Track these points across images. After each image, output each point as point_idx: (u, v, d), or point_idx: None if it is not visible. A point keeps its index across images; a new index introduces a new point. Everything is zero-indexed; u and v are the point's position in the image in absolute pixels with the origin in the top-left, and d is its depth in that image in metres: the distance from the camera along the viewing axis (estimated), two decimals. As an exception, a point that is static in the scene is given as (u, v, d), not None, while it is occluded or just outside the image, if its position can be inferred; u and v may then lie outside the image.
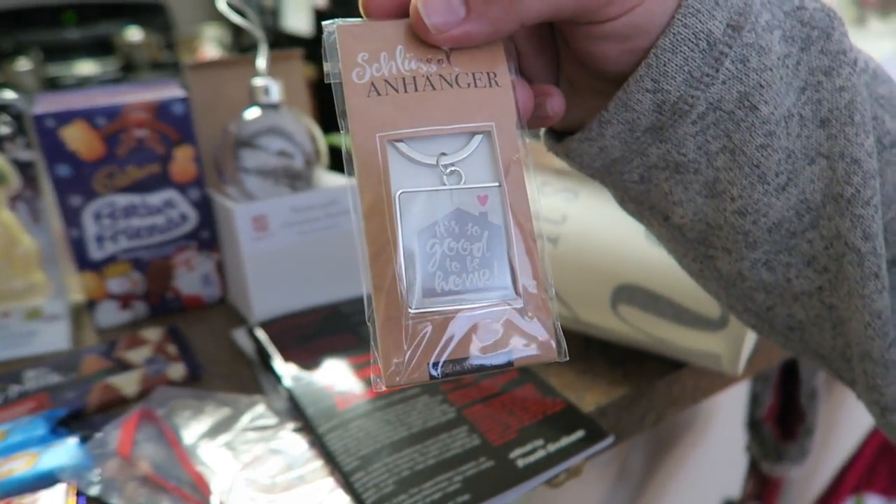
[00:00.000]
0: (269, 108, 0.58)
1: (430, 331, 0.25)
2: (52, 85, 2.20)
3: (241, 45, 2.94)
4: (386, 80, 0.26)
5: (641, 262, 0.49)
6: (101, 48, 2.62)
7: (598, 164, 0.31)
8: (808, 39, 0.28)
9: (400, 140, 0.26)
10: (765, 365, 0.59)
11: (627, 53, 0.27)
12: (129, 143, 0.55)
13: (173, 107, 0.56)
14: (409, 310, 0.25)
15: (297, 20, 2.72)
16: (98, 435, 0.43)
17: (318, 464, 0.43)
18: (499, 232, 0.26)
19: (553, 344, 0.26)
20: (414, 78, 0.26)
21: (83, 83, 2.36)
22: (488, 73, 0.27)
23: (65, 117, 0.53)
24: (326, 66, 0.26)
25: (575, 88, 0.32)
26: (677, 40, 0.26)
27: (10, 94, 0.54)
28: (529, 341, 0.26)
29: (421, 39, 0.26)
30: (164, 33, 2.68)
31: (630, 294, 0.49)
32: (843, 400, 0.98)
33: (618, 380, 0.51)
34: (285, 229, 0.56)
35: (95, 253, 0.57)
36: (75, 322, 0.62)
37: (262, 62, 0.58)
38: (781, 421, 0.77)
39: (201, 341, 0.58)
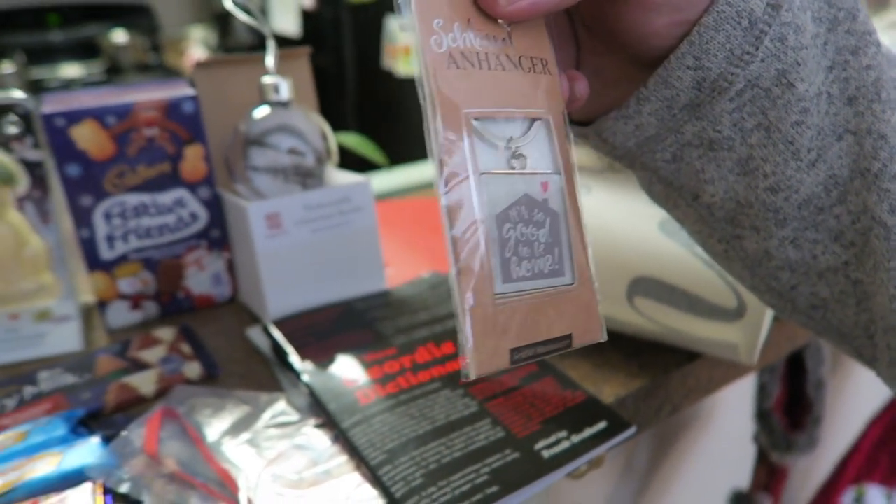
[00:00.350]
0: (279, 106, 0.57)
1: (507, 317, 0.25)
2: (37, 88, 2.18)
3: (227, 46, 2.93)
4: (462, 53, 0.25)
5: (657, 255, 0.49)
6: (85, 50, 2.61)
7: (631, 143, 0.32)
8: (835, 20, 0.29)
9: (477, 119, 0.25)
10: (775, 355, 0.60)
11: (675, 26, 0.28)
12: (139, 142, 0.55)
13: (183, 105, 0.56)
14: (493, 296, 0.25)
15: (285, 21, 2.71)
16: (123, 433, 0.42)
17: (342, 459, 0.43)
18: (558, 219, 0.27)
19: (600, 325, 0.28)
20: (486, 55, 0.26)
21: (68, 86, 2.34)
22: (541, 60, 0.28)
23: (75, 116, 0.53)
24: (402, 24, 0.25)
25: (599, 77, 0.33)
26: (721, 18, 0.27)
27: (17, 93, 0.54)
28: (584, 323, 0.27)
29: (486, 14, 0.26)
30: (149, 35, 2.67)
31: (646, 286, 0.50)
32: (843, 390, 1.00)
33: (634, 372, 0.51)
34: (298, 227, 0.55)
35: (106, 253, 0.57)
36: (85, 323, 0.61)
37: (270, 60, 0.58)
38: (789, 411, 0.78)
39: (214, 340, 0.58)
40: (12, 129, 0.54)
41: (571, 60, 0.33)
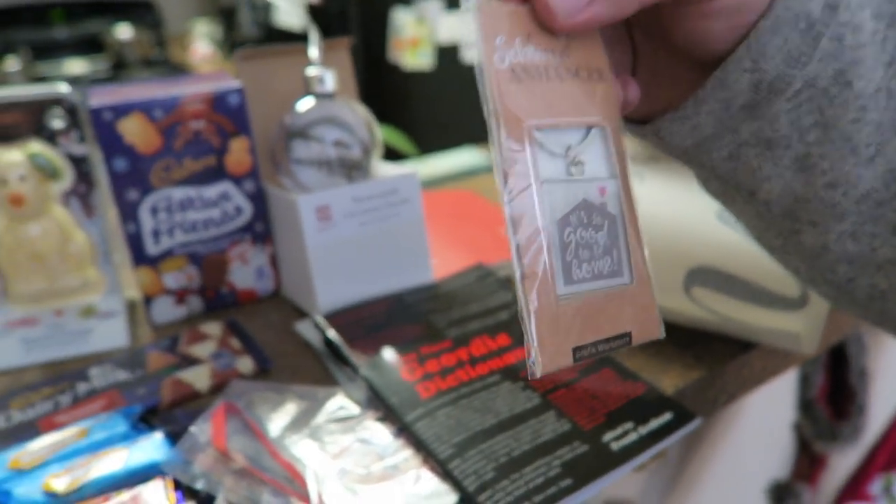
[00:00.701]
0: (323, 97, 0.57)
1: (570, 317, 0.26)
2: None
3: (233, 40, 2.91)
4: (523, 67, 0.27)
5: (716, 244, 0.49)
6: (90, 46, 2.59)
7: (688, 143, 0.32)
8: (895, 16, 0.29)
9: (538, 129, 0.27)
10: (823, 345, 0.60)
11: (733, 30, 0.28)
12: (185, 135, 0.54)
13: (229, 97, 0.55)
14: (557, 298, 0.26)
15: (290, 16, 2.71)
16: (192, 429, 0.42)
17: (408, 453, 0.43)
18: (616, 221, 0.28)
19: (659, 323, 0.29)
20: (546, 67, 0.27)
21: (74, 82, 2.33)
22: (598, 68, 0.29)
23: (122, 110, 0.52)
24: (466, 42, 0.26)
25: (656, 78, 0.33)
26: (779, 22, 0.27)
27: (63, 87, 0.53)
28: (643, 321, 0.28)
29: (545, 28, 0.27)
30: (153, 30, 2.65)
31: (704, 276, 0.49)
32: (872, 380, 0.99)
33: (690, 363, 0.51)
34: (347, 219, 0.55)
35: (152, 248, 0.56)
36: (129, 318, 0.61)
37: (314, 51, 0.57)
38: (832, 400, 0.78)
39: (262, 335, 0.57)
40: (58, 124, 0.53)
41: (627, 61, 0.33)
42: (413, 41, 2.58)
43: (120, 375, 0.51)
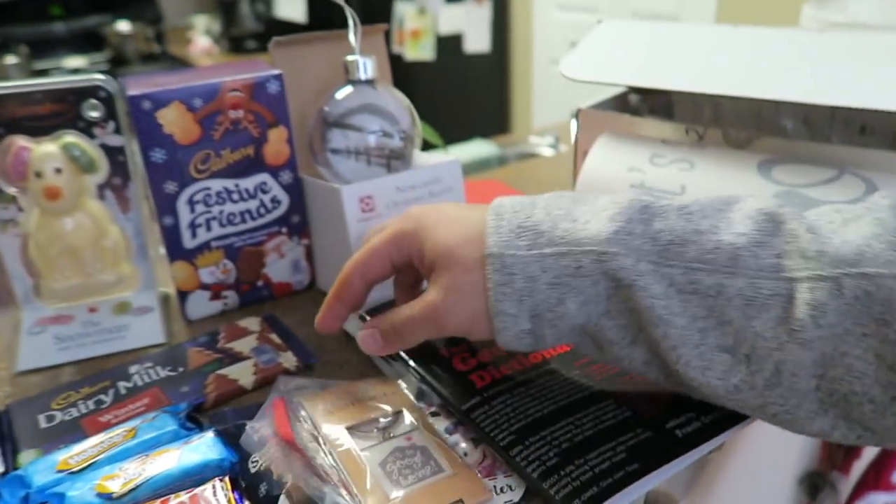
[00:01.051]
0: (363, 85, 0.56)
1: None
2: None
3: (232, 35, 2.88)
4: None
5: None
6: (88, 41, 2.57)
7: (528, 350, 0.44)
8: (593, 282, 0.38)
9: (350, 427, 0.42)
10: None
11: (484, 334, 0.40)
12: (224, 125, 0.53)
13: (269, 85, 0.54)
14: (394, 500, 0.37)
15: (291, 7, 2.67)
16: (251, 426, 0.41)
17: (466, 447, 0.42)
18: (426, 448, 0.41)
19: (485, 489, 0.38)
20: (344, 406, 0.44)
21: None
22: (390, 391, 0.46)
23: (162, 99, 0.51)
24: None
25: None
26: (503, 331, 0.39)
27: (99, 76, 0.52)
28: (471, 489, 0.38)
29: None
30: (153, 25, 2.63)
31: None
32: None
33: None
34: (390, 209, 0.54)
35: (189, 241, 0.55)
36: (164, 314, 0.59)
37: (353, 38, 0.56)
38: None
39: (301, 329, 0.56)
40: (94, 114, 0.52)
41: None
42: (414, 32, 2.57)
43: (161, 373, 0.50)
